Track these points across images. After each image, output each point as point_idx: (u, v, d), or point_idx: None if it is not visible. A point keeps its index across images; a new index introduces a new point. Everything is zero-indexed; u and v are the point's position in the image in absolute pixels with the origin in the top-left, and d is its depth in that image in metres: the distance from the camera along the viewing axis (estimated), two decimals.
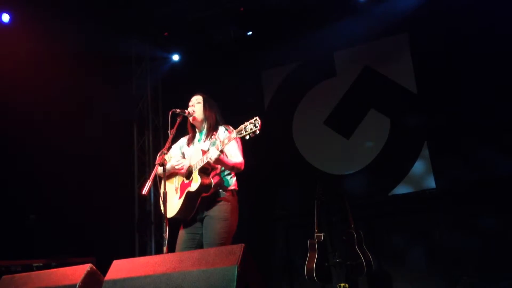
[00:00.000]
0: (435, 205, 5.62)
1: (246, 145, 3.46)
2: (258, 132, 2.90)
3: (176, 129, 3.45)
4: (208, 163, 3.20)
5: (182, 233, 3.43)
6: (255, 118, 2.94)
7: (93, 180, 6.09)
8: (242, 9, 6.50)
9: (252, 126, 2.92)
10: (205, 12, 6.61)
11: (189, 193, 3.29)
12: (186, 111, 3.55)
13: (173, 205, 3.41)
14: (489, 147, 5.46)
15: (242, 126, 2.98)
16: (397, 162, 6.04)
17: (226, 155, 3.35)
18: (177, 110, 3.50)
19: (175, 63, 7.47)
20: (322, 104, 6.62)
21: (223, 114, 3.69)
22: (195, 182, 3.24)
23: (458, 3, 5.65)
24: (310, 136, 6.64)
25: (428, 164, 5.81)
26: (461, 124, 5.63)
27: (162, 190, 3.33)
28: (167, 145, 3.35)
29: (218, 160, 3.15)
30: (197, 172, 3.25)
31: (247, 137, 2.96)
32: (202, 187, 3.23)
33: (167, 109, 3.54)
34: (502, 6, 5.37)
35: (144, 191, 3.19)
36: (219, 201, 3.35)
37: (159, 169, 3.35)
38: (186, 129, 3.70)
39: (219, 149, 3.11)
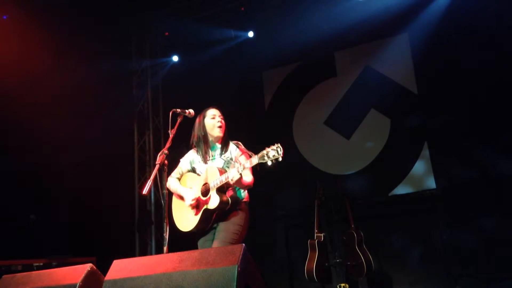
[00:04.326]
0: (435, 205, 5.62)
1: (247, 148, 3.49)
2: (280, 159, 2.98)
3: (177, 129, 3.45)
4: (226, 182, 3.27)
5: (201, 242, 3.50)
6: (277, 145, 3.01)
7: (93, 180, 6.09)
8: (242, 8, 6.51)
9: (275, 152, 3.00)
10: (205, 12, 6.62)
11: (207, 210, 3.35)
12: (186, 111, 3.55)
13: (188, 220, 3.46)
14: (489, 147, 5.46)
15: (264, 152, 3.05)
16: (397, 162, 6.04)
17: None
18: (177, 110, 3.51)
19: (175, 63, 7.47)
20: (323, 104, 6.62)
21: (224, 114, 3.72)
22: (214, 201, 3.30)
23: (458, 3, 5.66)
24: (310, 136, 6.64)
25: (429, 164, 5.81)
26: (461, 124, 5.63)
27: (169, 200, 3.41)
28: (167, 145, 3.35)
29: (237, 181, 3.24)
30: (215, 191, 3.31)
31: (269, 163, 3.03)
32: (221, 205, 3.29)
33: (167, 109, 3.54)
34: (501, 7, 5.36)
35: (145, 191, 3.20)
36: (234, 211, 3.42)
37: (170, 186, 3.52)
38: (186, 129, 3.70)
39: (240, 171, 3.19)
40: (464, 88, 5.59)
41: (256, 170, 3.28)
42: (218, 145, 3.62)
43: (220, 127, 3.59)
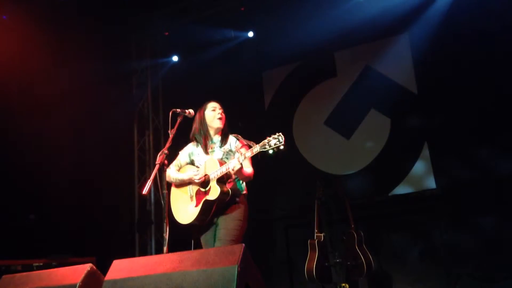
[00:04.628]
0: (435, 205, 5.62)
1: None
2: (282, 147, 3.02)
3: (177, 129, 3.46)
4: (226, 173, 3.29)
5: (203, 239, 3.50)
6: (278, 133, 3.07)
7: (93, 180, 6.09)
8: (242, 8, 6.50)
9: (276, 141, 3.05)
10: (205, 12, 6.62)
11: (207, 201, 3.36)
12: (186, 111, 3.57)
13: (188, 212, 3.47)
14: (489, 147, 5.46)
15: (265, 141, 3.10)
16: (397, 162, 6.04)
17: None
18: (177, 110, 3.52)
19: (175, 63, 7.47)
20: (323, 104, 6.61)
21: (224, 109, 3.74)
22: (214, 192, 3.31)
23: (458, 3, 5.66)
24: (310, 136, 6.64)
25: (429, 164, 5.81)
26: (461, 124, 5.63)
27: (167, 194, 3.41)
28: (167, 145, 3.36)
29: (238, 171, 3.25)
30: (215, 182, 3.32)
31: (271, 151, 3.06)
32: (222, 196, 3.31)
33: (167, 109, 3.55)
34: (502, 7, 5.36)
35: (144, 191, 3.20)
36: (234, 204, 3.43)
37: (170, 176, 3.49)
38: (186, 129, 3.70)
39: (241, 161, 3.21)
40: (464, 88, 5.59)
41: (257, 158, 3.28)
42: (218, 137, 3.64)
43: (220, 118, 3.62)
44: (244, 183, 3.55)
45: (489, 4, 5.41)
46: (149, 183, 3.18)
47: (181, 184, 3.60)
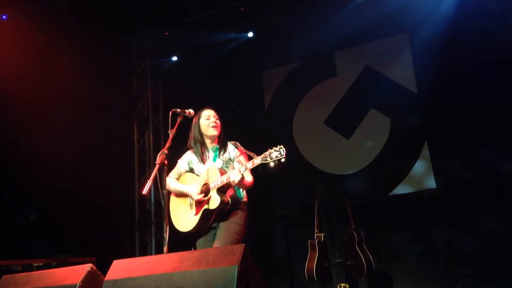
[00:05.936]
0: (435, 205, 5.62)
1: (247, 148, 3.49)
2: (283, 160, 3.02)
3: (177, 129, 3.45)
4: (226, 183, 3.29)
5: (201, 242, 3.49)
6: (279, 146, 3.06)
7: (94, 180, 6.08)
8: (242, 9, 6.51)
9: (277, 153, 3.04)
10: (205, 12, 6.62)
11: (207, 210, 3.36)
12: (186, 111, 3.55)
13: (188, 221, 3.47)
14: (489, 147, 5.46)
15: (267, 153, 3.09)
16: (397, 162, 6.04)
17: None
18: (177, 110, 3.51)
19: (175, 63, 7.47)
20: (323, 104, 6.62)
21: (223, 114, 3.72)
22: (215, 201, 3.31)
23: (458, 4, 5.66)
24: (310, 136, 6.64)
25: (429, 164, 5.82)
26: (461, 124, 5.63)
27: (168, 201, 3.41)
28: (167, 145, 3.35)
29: (239, 181, 3.25)
30: (215, 191, 3.33)
31: (272, 164, 3.06)
32: (222, 205, 3.31)
33: (167, 109, 3.54)
34: (502, 8, 5.36)
35: (144, 191, 3.20)
36: (234, 210, 3.43)
37: (170, 186, 3.51)
38: (186, 129, 3.70)
39: (242, 172, 3.22)
40: (464, 88, 5.59)
41: (258, 171, 3.28)
42: (216, 146, 3.62)
43: (214, 126, 3.58)
44: (244, 191, 3.55)
45: (490, 5, 5.41)
46: (149, 183, 3.18)
47: (181, 194, 3.60)
